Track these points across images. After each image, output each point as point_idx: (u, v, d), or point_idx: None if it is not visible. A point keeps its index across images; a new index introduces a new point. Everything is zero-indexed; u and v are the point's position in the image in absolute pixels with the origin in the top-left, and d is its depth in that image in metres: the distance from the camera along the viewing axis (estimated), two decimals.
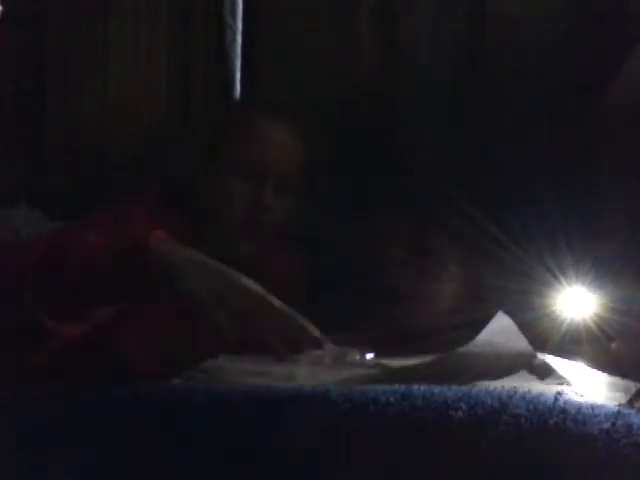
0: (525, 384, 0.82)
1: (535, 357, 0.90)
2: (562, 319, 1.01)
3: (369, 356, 0.93)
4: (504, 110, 1.39)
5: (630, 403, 0.75)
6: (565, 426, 0.68)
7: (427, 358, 0.89)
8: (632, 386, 0.81)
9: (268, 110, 1.26)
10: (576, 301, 1.01)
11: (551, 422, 0.68)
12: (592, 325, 0.99)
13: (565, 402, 0.70)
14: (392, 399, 0.71)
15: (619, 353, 0.96)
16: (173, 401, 0.78)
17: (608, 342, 0.99)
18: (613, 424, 0.68)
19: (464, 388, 0.73)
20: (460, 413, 0.69)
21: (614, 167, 1.16)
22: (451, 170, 1.36)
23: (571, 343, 0.99)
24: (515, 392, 0.72)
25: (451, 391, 0.72)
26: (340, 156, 1.39)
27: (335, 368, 0.89)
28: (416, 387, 0.73)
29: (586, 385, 0.85)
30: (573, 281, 1.03)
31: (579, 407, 0.70)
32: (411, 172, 1.35)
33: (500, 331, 0.92)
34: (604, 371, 0.89)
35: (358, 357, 0.93)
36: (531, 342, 0.90)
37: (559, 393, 0.72)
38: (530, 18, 1.40)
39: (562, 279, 1.04)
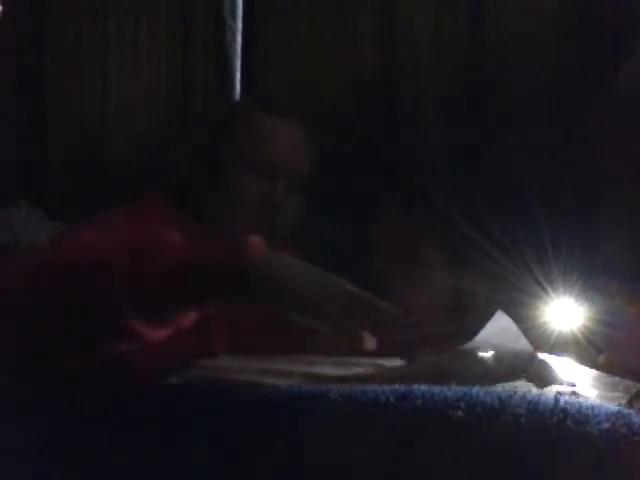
0: (525, 384, 0.82)
1: (535, 358, 0.90)
2: (550, 331, 1.01)
3: None
4: (504, 111, 1.39)
5: (630, 403, 0.75)
6: (565, 426, 0.68)
7: (427, 358, 0.89)
8: (632, 386, 0.81)
9: (278, 110, 1.27)
10: (564, 313, 1.02)
11: (551, 422, 0.68)
12: (580, 337, 0.99)
13: (565, 402, 0.70)
14: (392, 399, 0.71)
15: (607, 365, 0.96)
16: (173, 401, 0.78)
17: (596, 354, 0.99)
18: (613, 424, 0.68)
19: (464, 388, 0.73)
20: (460, 413, 0.69)
21: (614, 174, 1.16)
22: (450, 173, 1.36)
23: (559, 354, 0.99)
24: (515, 392, 0.72)
25: (451, 391, 0.72)
26: (339, 156, 1.39)
27: (335, 368, 0.89)
28: (416, 387, 0.73)
29: (586, 385, 0.85)
30: (561, 293, 1.03)
31: (579, 407, 0.70)
32: (410, 179, 1.35)
33: (500, 330, 0.92)
34: None
35: None
36: None
37: (559, 393, 0.72)
38: (530, 18, 1.40)
39: (550, 291, 1.04)
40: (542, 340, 1.00)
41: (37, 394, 0.84)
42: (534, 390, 0.82)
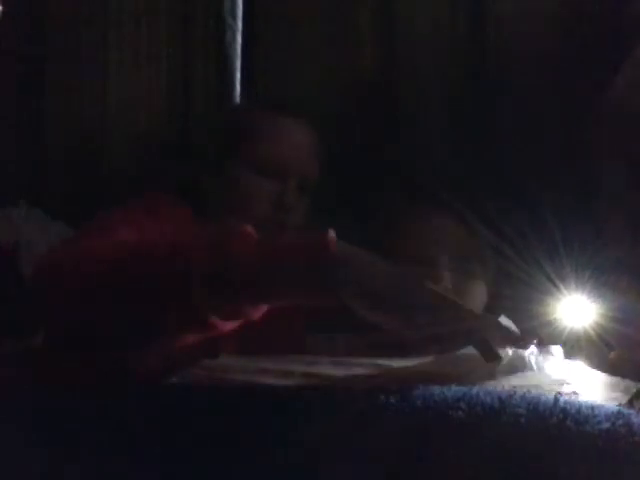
0: (525, 379, 0.82)
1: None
2: (562, 327, 1.01)
3: None
4: (504, 112, 1.39)
5: (630, 403, 0.75)
6: (565, 426, 0.68)
7: (427, 359, 0.89)
8: (632, 386, 0.81)
9: (289, 111, 1.28)
10: (576, 310, 1.02)
11: (551, 422, 0.68)
12: (591, 334, 0.99)
13: (565, 402, 0.70)
14: (392, 399, 0.71)
15: (618, 361, 0.96)
16: (173, 401, 0.78)
17: (607, 350, 0.99)
18: (613, 424, 0.68)
19: (464, 388, 0.73)
20: (460, 413, 0.69)
21: (614, 174, 1.16)
22: (450, 173, 1.36)
23: (571, 351, 0.99)
24: (515, 392, 0.72)
25: (451, 391, 0.72)
26: (339, 156, 1.39)
27: (335, 368, 0.90)
28: (416, 387, 0.73)
29: (586, 385, 0.85)
30: (573, 290, 1.03)
31: (579, 407, 0.70)
32: (410, 179, 1.35)
33: None
34: None
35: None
36: None
37: (559, 393, 0.72)
38: (530, 18, 1.40)
39: (562, 287, 1.04)
40: (554, 337, 1.00)
41: (37, 394, 0.84)
42: (534, 390, 0.82)
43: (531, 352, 0.90)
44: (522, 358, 0.87)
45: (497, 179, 1.33)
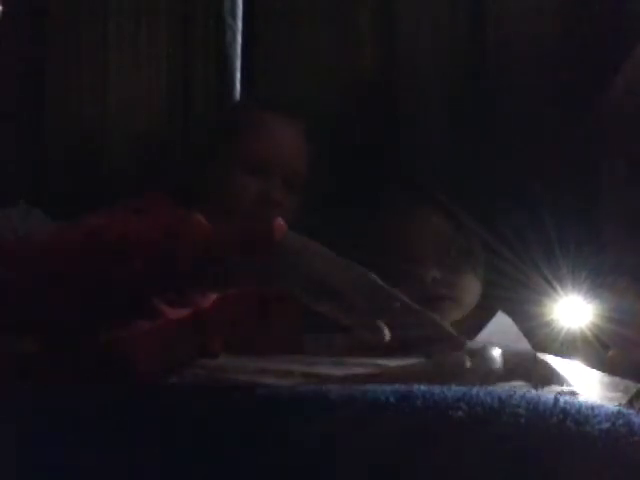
0: (524, 385, 0.82)
1: (536, 359, 0.90)
2: (559, 328, 1.01)
3: None
4: (504, 111, 1.39)
5: (630, 403, 0.75)
6: (565, 426, 0.68)
7: (427, 358, 0.89)
8: (632, 386, 0.81)
9: (278, 109, 1.28)
10: (572, 310, 1.02)
11: (551, 422, 0.68)
12: (588, 334, 1.00)
13: (565, 402, 0.70)
14: (392, 399, 0.71)
15: (615, 361, 0.96)
16: (173, 401, 0.78)
17: (604, 351, 0.99)
18: (613, 424, 0.68)
19: (464, 388, 0.73)
20: (460, 413, 0.69)
21: (614, 174, 1.16)
22: (450, 173, 1.36)
23: (568, 352, 0.99)
24: (515, 392, 0.72)
25: (451, 391, 0.72)
26: (339, 156, 1.39)
27: (335, 368, 0.89)
28: (416, 387, 0.73)
29: (586, 385, 0.85)
30: (569, 290, 1.04)
31: (579, 407, 0.70)
32: (410, 179, 1.35)
33: (500, 331, 0.92)
34: None
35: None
36: None
37: (559, 393, 0.72)
38: (530, 18, 1.40)
39: (559, 288, 1.04)
40: (550, 338, 1.00)
41: (37, 394, 0.84)
42: (533, 390, 0.82)
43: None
44: (459, 358, 0.86)
45: (497, 179, 1.33)
